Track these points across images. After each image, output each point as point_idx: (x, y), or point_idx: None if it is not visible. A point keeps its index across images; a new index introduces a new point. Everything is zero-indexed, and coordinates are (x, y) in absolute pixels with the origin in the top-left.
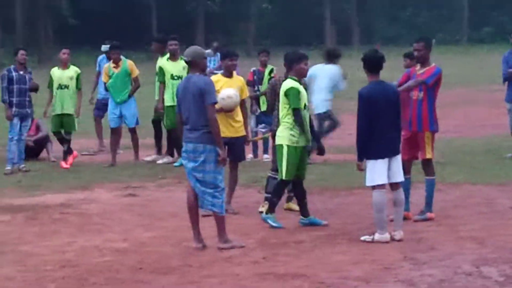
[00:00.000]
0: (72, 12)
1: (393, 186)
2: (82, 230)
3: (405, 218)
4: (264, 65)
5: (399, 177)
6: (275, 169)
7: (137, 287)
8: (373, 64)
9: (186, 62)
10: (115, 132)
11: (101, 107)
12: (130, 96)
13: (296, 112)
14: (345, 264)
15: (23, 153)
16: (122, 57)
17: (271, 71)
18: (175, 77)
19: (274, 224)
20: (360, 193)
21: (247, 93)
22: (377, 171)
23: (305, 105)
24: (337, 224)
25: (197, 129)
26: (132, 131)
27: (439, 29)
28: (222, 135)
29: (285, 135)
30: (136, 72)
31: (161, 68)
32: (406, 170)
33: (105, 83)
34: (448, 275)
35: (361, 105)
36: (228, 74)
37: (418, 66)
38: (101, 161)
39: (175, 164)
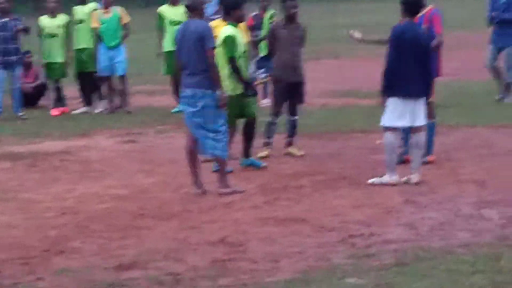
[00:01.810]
0: None
1: (415, 129)
2: (82, 177)
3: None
4: (264, 9)
5: (421, 120)
6: (275, 114)
7: (138, 233)
8: (411, 6)
9: (186, 6)
10: (109, 80)
11: None
12: (121, 42)
13: (231, 60)
14: (346, 208)
15: (21, 101)
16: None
17: (272, 15)
18: (175, 23)
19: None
20: (359, 137)
21: (247, 37)
22: (398, 113)
23: (245, 51)
24: (337, 168)
25: (196, 73)
26: (122, 78)
27: None
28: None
29: (225, 85)
30: (126, 18)
31: (160, 14)
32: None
33: (95, 29)
34: (449, 218)
35: (391, 41)
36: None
37: None
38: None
39: (173, 110)
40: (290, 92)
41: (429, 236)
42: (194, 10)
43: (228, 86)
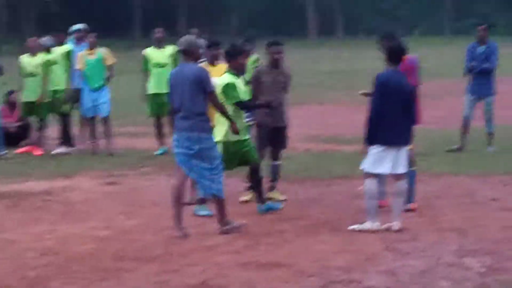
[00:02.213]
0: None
1: (397, 176)
2: (64, 218)
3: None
4: (247, 54)
5: (403, 168)
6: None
7: (119, 275)
8: (395, 54)
9: (179, 50)
10: (93, 121)
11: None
12: (105, 84)
13: (238, 104)
14: (327, 254)
15: (3, 140)
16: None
17: (256, 60)
18: (160, 65)
19: (205, 213)
20: (341, 183)
21: None
22: (380, 159)
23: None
24: (319, 213)
25: (191, 117)
26: (105, 119)
27: (422, 20)
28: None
29: (221, 131)
30: (111, 60)
31: (145, 57)
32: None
33: (80, 71)
34: (429, 266)
35: (376, 88)
36: (212, 62)
37: None
38: (83, 150)
39: (156, 152)
40: (273, 137)
41: (409, 284)
42: (190, 54)
43: (225, 132)
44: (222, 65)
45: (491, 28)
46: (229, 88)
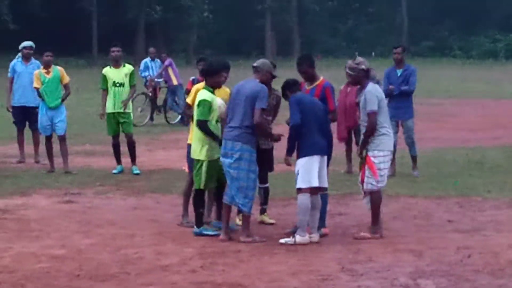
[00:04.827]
0: (13, 17)
1: (315, 190)
2: (19, 236)
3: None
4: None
5: (326, 182)
6: None
7: None
8: (293, 86)
9: (253, 67)
10: (50, 140)
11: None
12: (61, 102)
13: (201, 124)
14: (282, 275)
15: None
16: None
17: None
18: (117, 84)
19: (211, 233)
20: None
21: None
22: (312, 172)
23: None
24: (275, 234)
25: (239, 127)
26: (62, 138)
27: (379, 42)
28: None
29: (202, 150)
30: (67, 78)
31: (103, 75)
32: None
33: (37, 89)
34: (385, 287)
35: (294, 106)
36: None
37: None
38: (39, 168)
39: (114, 171)
40: (259, 159)
41: None
42: (258, 71)
43: (209, 153)
44: (224, 90)
45: (405, 51)
46: (202, 104)
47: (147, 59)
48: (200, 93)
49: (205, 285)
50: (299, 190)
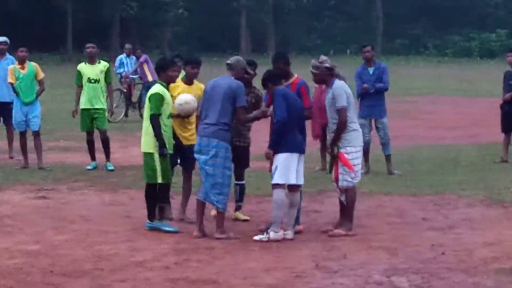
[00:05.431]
0: None
1: (294, 188)
2: None
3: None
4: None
5: (302, 179)
6: None
7: None
8: (275, 78)
9: (227, 64)
10: (24, 135)
11: None
12: (36, 98)
13: (153, 118)
14: (257, 271)
15: None
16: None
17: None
18: (92, 81)
19: (168, 229)
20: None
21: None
22: (291, 169)
23: (170, 113)
24: (249, 231)
25: (215, 124)
26: (36, 134)
27: (354, 39)
28: (176, 141)
29: (153, 143)
30: (41, 74)
31: (78, 72)
32: None
33: (11, 84)
34: (359, 284)
35: (280, 99)
36: (189, 81)
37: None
38: (13, 163)
39: (88, 167)
40: (235, 156)
41: None
42: (232, 69)
43: (144, 143)
44: (198, 85)
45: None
46: (154, 97)
47: (123, 56)
48: (152, 88)
49: (179, 281)
50: (276, 186)
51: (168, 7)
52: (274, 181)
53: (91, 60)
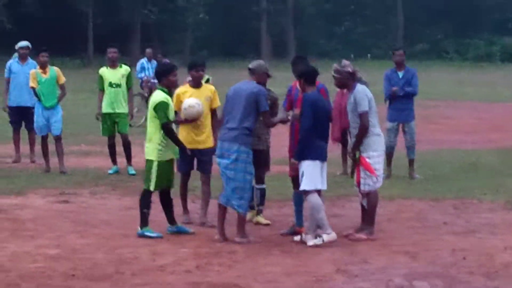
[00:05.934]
0: (9, 17)
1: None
2: (14, 236)
3: (298, 233)
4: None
5: (325, 185)
6: None
7: None
8: (311, 76)
9: (249, 69)
10: (45, 139)
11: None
12: (57, 102)
13: (165, 127)
14: (278, 275)
15: None
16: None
17: (207, 80)
18: (114, 85)
19: (153, 235)
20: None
21: (218, 102)
22: (316, 175)
23: (175, 120)
24: (270, 235)
25: (237, 129)
26: (57, 138)
27: (374, 44)
28: (188, 146)
29: (154, 150)
30: (63, 79)
31: (100, 76)
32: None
33: (33, 89)
34: None
35: (308, 107)
36: (196, 84)
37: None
38: (35, 167)
39: (109, 171)
40: (257, 160)
41: None
42: (254, 73)
43: (160, 154)
44: (208, 86)
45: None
46: (160, 107)
47: (144, 60)
48: (155, 95)
49: (200, 285)
50: (306, 192)
51: (188, 12)
52: (302, 188)
53: (113, 65)
